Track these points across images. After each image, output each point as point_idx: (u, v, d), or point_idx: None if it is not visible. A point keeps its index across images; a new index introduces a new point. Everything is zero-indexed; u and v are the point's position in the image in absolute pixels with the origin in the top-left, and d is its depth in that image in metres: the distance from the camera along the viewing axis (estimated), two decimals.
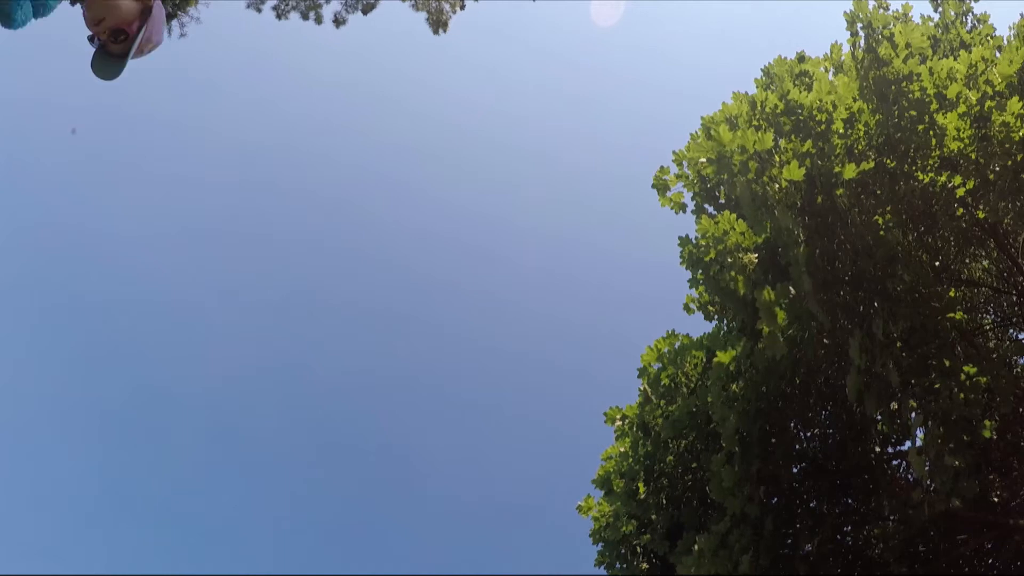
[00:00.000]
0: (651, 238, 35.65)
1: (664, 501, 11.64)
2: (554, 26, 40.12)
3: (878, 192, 9.49)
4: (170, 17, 12.57)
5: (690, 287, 11.86)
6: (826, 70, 10.96)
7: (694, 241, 11.39)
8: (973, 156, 9.27)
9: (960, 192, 9.42)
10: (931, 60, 9.63)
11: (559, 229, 38.93)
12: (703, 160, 10.30)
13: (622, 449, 12.43)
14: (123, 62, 2.78)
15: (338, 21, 13.96)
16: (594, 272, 38.58)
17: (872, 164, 9.15)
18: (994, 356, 10.30)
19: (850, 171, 8.84)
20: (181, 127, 36.12)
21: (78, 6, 2.78)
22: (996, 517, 9.43)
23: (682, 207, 11.53)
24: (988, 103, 9.04)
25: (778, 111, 9.96)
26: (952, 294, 9.94)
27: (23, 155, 31.97)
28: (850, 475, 10.27)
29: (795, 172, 8.89)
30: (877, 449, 10.46)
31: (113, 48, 2.73)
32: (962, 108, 9.05)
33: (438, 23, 14.20)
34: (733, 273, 10.36)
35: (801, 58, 11.34)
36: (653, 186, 11.45)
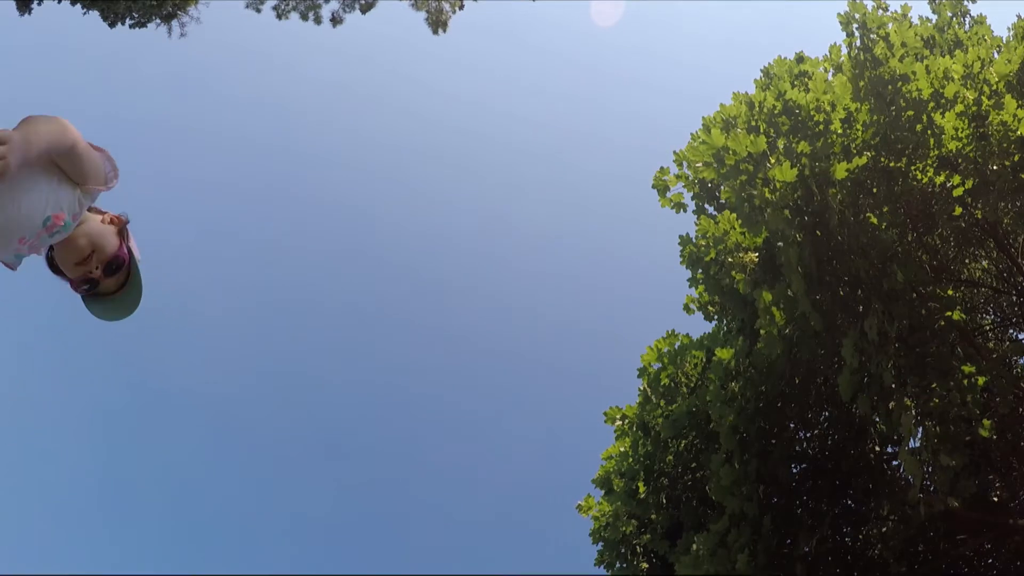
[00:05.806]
0: (651, 238, 35.65)
1: (664, 501, 11.63)
2: (554, 26, 40.13)
3: (875, 191, 9.47)
4: (170, 17, 12.59)
5: (690, 287, 11.88)
6: (825, 70, 10.95)
7: (694, 241, 11.39)
8: (972, 155, 9.23)
9: (959, 192, 9.39)
10: (928, 60, 9.61)
11: (559, 229, 38.94)
12: (699, 164, 10.30)
13: (622, 449, 12.43)
14: (133, 285, 2.24)
15: (335, 20, 13.95)
16: (594, 272, 38.58)
17: (865, 160, 9.13)
18: (994, 356, 10.27)
19: (841, 170, 8.82)
20: (180, 127, 36.17)
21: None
22: (995, 517, 9.39)
23: (682, 207, 11.52)
24: (986, 102, 9.01)
25: (776, 111, 9.95)
26: (950, 292, 9.92)
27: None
28: (849, 475, 10.25)
29: (787, 173, 8.88)
30: (876, 449, 10.45)
31: (107, 284, 2.17)
32: (960, 107, 9.03)
33: (438, 23, 14.20)
34: (733, 273, 10.36)
35: (800, 58, 11.33)
36: (653, 187, 11.43)
